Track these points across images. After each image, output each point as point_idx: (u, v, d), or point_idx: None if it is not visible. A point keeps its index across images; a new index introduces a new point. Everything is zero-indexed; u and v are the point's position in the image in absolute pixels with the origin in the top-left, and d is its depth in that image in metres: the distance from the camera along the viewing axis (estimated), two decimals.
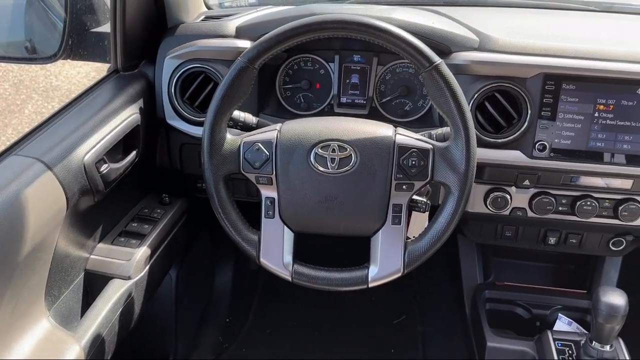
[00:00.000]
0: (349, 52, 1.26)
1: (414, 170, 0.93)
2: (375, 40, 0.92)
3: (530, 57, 1.10)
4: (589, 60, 1.09)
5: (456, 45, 1.14)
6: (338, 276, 0.98)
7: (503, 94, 1.10)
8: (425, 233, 0.96)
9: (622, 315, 1.08)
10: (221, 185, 0.97)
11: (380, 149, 0.93)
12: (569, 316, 1.38)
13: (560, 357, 1.19)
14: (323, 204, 0.95)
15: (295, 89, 1.29)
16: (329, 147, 0.94)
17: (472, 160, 0.92)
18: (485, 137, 1.10)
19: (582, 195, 1.20)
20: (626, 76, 1.07)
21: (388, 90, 1.27)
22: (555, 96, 1.08)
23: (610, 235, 1.30)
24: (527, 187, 1.21)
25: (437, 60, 0.90)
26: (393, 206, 0.95)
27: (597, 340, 1.12)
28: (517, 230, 1.35)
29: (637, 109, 1.08)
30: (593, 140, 1.10)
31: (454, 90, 0.90)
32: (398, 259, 0.96)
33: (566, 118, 1.09)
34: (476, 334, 1.39)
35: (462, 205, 0.93)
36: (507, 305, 1.44)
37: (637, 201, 1.19)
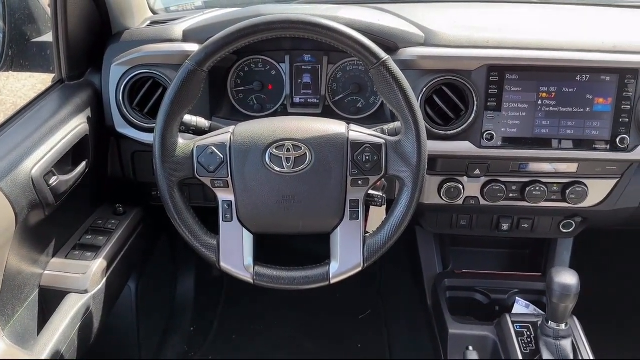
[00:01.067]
0: (299, 52, 1.26)
1: (368, 165, 0.95)
2: (323, 39, 0.93)
3: (474, 50, 1.14)
4: (530, 50, 1.13)
5: (402, 41, 1.16)
6: (300, 275, 0.98)
7: (450, 87, 1.13)
8: (383, 226, 0.98)
9: (574, 294, 1.12)
10: (176, 191, 0.96)
11: (334, 146, 0.94)
12: (526, 299, 1.42)
13: (519, 338, 1.22)
14: (281, 204, 0.95)
15: (247, 90, 1.29)
16: (283, 147, 0.94)
17: (423, 152, 0.94)
18: (435, 130, 1.13)
19: (531, 181, 1.24)
20: (566, 64, 1.11)
21: (340, 88, 1.28)
22: (499, 87, 1.12)
23: (560, 218, 1.35)
24: (478, 176, 1.24)
25: (384, 56, 0.92)
26: (350, 202, 0.96)
27: (553, 319, 1.17)
28: (471, 218, 1.38)
29: (577, 95, 1.12)
30: (538, 127, 1.14)
31: (402, 85, 0.92)
32: (358, 254, 0.97)
33: (511, 107, 1.13)
34: (438, 322, 1.42)
35: (417, 197, 0.95)
36: (467, 292, 1.47)
37: (583, 184, 1.24)
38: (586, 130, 1.13)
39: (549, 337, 1.17)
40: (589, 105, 1.12)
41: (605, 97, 1.12)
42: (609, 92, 1.11)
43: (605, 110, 1.12)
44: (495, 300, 1.44)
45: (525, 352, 1.19)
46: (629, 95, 1.11)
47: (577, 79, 1.12)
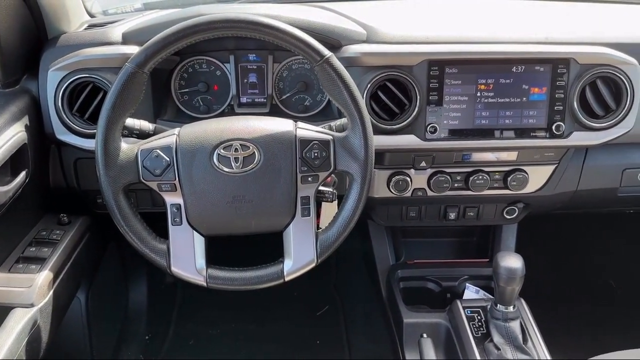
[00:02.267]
0: (244, 51, 1.26)
1: (317, 161, 0.96)
2: (265, 38, 0.93)
3: (414, 45, 1.16)
4: (467, 44, 1.17)
5: (345, 38, 1.18)
6: (254, 274, 0.98)
7: (394, 82, 1.15)
8: (334, 221, 0.99)
9: (519, 276, 1.17)
10: (121, 197, 0.94)
11: (283, 144, 0.95)
12: (475, 284, 1.47)
13: (470, 323, 1.27)
14: (231, 205, 0.95)
15: (192, 92, 1.27)
16: (231, 147, 0.93)
17: (370, 147, 0.96)
18: (381, 125, 1.15)
19: (474, 170, 1.29)
20: (501, 57, 1.15)
21: (287, 87, 1.29)
22: (440, 80, 1.15)
23: (503, 205, 1.40)
24: (424, 168, 1.28)
25: (327, 53, 0.93)
26: (301, 199, 0.97)
27: (501, 302, 1.21)
28: (420, 210, 1.42)
29: (514, 85, 1.17)
30: (478, 118, 1.18)
31: (346, 81, 0.93)
32: (311, 250, 0.98)
33: (452, 100, 1.16)
34: (393, 313, 1.45)
35: (366, 190, 0.97)
36: (419, 281, 1.51)
37: (523, 171, 1.29)
38: (524, 119, 1.18)
39: (498, 320, 1.21)
40: (525, 95, 1.17)
41: (540, 87, 1.17)
42: (544, 82, 1.16)
43: (540, 99, 1.17)
44: (446, 287, 1.49)
45: (476, 336, 1.24)
46: (562, 84, 1.16)
47: (513, 70, 1.16)
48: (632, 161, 1.34)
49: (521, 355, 1.17)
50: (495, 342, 1.18)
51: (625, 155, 1.34)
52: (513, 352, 1.17)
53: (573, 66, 1.15)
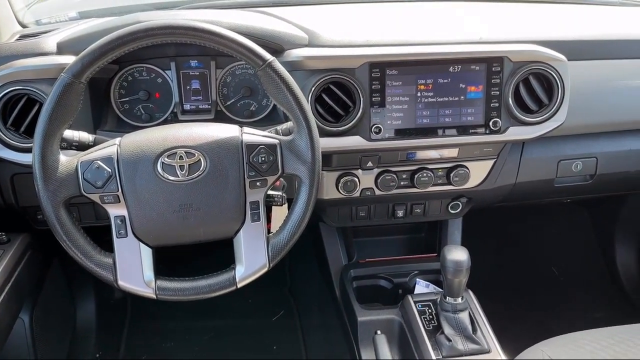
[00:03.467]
0: (185, 58, 1.24)
1: (265, 166, 0.96)
2: (206, 44, 0.93)
3: (355, 48, 1.18)
4: (406, 46, 1.20)
5: (287, 43, 1.18)
6: (205, 283, 0.97)
7: (337, 85, 1.16)
8: (285, 225, 0.99)
9: (466, 268, 1.21)
10: (62, 211, 0.91)
11: (229, 149, 0.94)
12: (425, 279, 1.51)
13: (422, 317, 1.30)
14: (178, 214, 0.93)
15: (133, 101, 1.24)
16: (175, 155, 0.92)
17: (316, 149, 0.97)
18: (327, 127, 1.16)
19: (419, 168, 1.32)
20: (439, 57, 1.19)
21: (231, 92, 1.28)
22: (381, 82, 1.17)
23: (448, 200, 1.45)
24: (371, 168, 1.30)
25: (269, 58, 0.94)
26: (250, 204, 0.97)
27: (450, 295, 1.25)
28: (369, 209, 1.44)
29: (452, 85, 1.20)
30: (420, 118, 1.21)
31: (290, 85, 0.94)
32: (262, 255, 0.98)
33: (394, 101, 1.19)
34: (347, 312, 1.46)
35: (314, 192, 0.98)
36: (372, 280, 1.53)
37: (465, 167, 1.34)
38: (462, 116, 1.22)
39: (448, 312, 1.25)
40: (463, 93, 1.21)
41: (477, 85, 1.21)
42: (480, 80, 1.21)
43: (477, 97, 1.21)
44: (398, 284, 1.52)
45: (428, 329, 1.27)
46: (497, 82, 1.20)
47: (451, 70, 1.20)
48: (566, 153, 1.42)
49: (471, 344, 1.21)
50: (446, 334, 1.22)
51: (559, 147, 1.41)
52: (463, 342, 1.21)
53: (506, 64, 1.20)
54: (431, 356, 1.20)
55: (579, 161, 1.42)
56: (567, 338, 1.22)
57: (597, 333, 1.23)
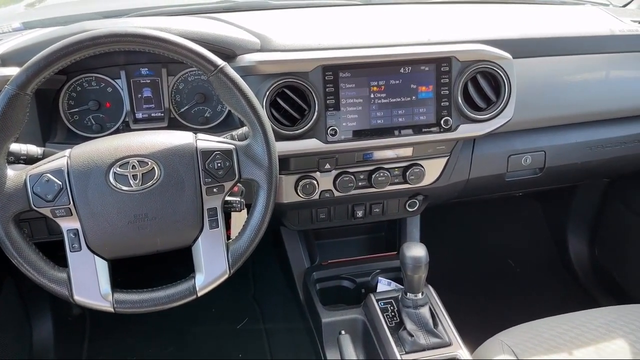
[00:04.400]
0: (135, 66, 1.23)
1: (221, 172, 0.95)
2: (155, 51, 0.92)
3: (308, 52, 1.19)
4: (357, 49, 1.22)
5: (239, 48, 1.18)
6: (164, 294, 0.96)
7: (291, 89, 1.17)
8: (244, 230, 0.99)
9: (424, 264, 1.23)
10: (12, 227, 0.88)
11: (183, 157, 0.94)
12: (386, 277, 1.53)
13: (384, 314, 1.32)
14: (133, 224, 0.92)
15: (83, 111, 1.22)
16: (128, 164, 0.91)
17: (273, 153, 0.97)
18: (283, 131, 1.17)
19: (376, 168, 1.34)
20: (389, 59, 1.21)
21: (184, 99, 1.27)
22: (335, 85, 1.18)
23: (405, 199, 1.48)
24: (329, 170, 1.31)
25: (221, 63, 0.93)
26: (208, 211, 0.96)
27: (410, 291, 1.27)
28: (329, 211, 1.45)
29: (403, 85, 1.23)
30: (374, 119, 1.23)
31: (243, 90, 0.94)
32: (222, 261, 0.97)
33: (348, 103, 1.20)
34: (312, 314, 1.47)
35: (273, 196, 0.98)
36: (334, 281, 1.55)
37: (420, 165, 1.36)
38: (415, 116, 1.24)
39: (409, 308, 1.27)
40: (414, 94, 1.23)
41: (427, 85, 1.23)
42: (430, 80, 1.23)
43: (428, 97, 1.24)
44: (360, 283, 1.53)
45: (391, 326, 1.29)
46: (446, 81, 1.24)
47: (402, 71, 1.22)
48: (515, 147, 1.47)
49: (433, 339, 1.24)
50: (409, 330, 1.24)
51: (508, 142, 1.46)
52: (425, 336, 1.24)
53: (454, 64, 1.23)
54: (395, 353, 1.22)
55: (528, 155, 1.47)
56: (525, 327, 1.26)
57: (553, 320, 1.27)
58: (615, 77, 1.45)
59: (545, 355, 1.17)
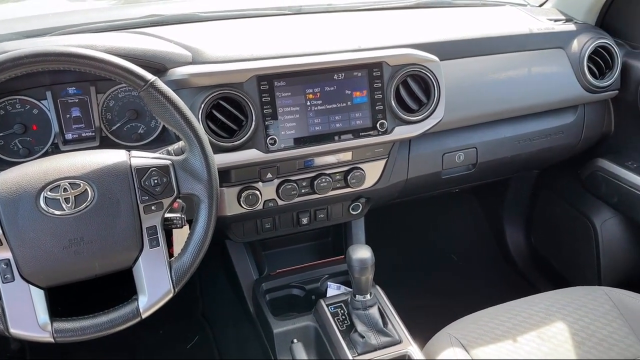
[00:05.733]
0: (62, 85, 1.18)
1: (159, 188, 0.93)
2: (82, 69, 0.89)
3: (241, 63, 1.19)
4: (291, 58, 1.23)
5: (170, 62, 1.16)
6: (107, 319, 0.92)
7: (227, 100, 1.16)
8: (187, 247, 0.97)
9: (370, 265, 1.25)
10: None
11: (117, 176, 0.91)
12: (336, 281, 1.54)
13: (335, 318, 1.32)
14: (69, 249, 0.88)
15: (8, 136, 1.16)
16: (59, 188, 0.87)
17: (211, 166, 0.96)
18: (221, 143, 1.16)
19: (317, 174, 1.35)
20: (322, 66, 1.22)
21: (115, 117, 1.23)
22: (271, 94, 1.18)
23: (348, 203, 1.50)
24: (271, 180, 1.31)
25: (151, 77, 0.92)
26: (147, 229, 0.94)
27: (359, 292, 1.29)
28: (274, 220, 1.45)
29: (338, 92, 1.25)
30: (312, 126, 1.24)
31: (175, 103, 0.93)
32: (166, 280, 0.95)
33: (285, 111, 1.21)
34: (263, 326, 1.46)
35: (214, 210, 0.97)
36: (284, 290, 1.54)
37: (360, 168, 1.39)
38: (352, 121, 1.26)
39: (359, 310, 1.29)
40: (349, 99, 1.26)
41: (361, 90, 1.26)
42: (363, 86, 1.26)
43: (363, 102, 1.27)
44: (310, 290, 1.54)
45: (342, 329, 1.30)
46: (378, 86, 1.27)
47: (335, 78, 1.24)
48: (448, 146, 1.52)
49: (384, 338, 1.26)
50: (360, 331, 1.25)
51: (442, 141, 1.51)
52: (376, 336, 1.26)
53: (385, 68, 1.26)
54: (347, 355, 1.23)
55: (461, 152, 1.53)
56: (470, 318, 1.31)
57: (497, 310, 1.33)
58: (536, 73, 1.54)
59: (492, 344, 1.22)
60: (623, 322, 1.26)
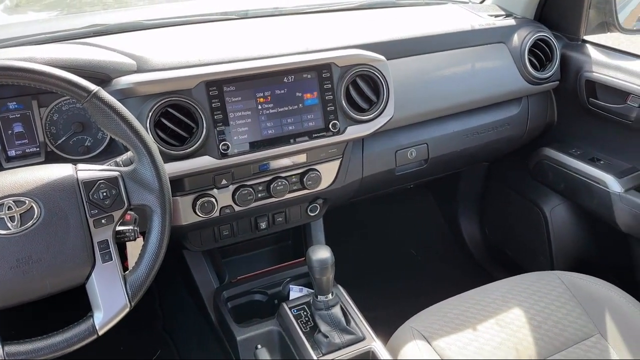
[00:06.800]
0: (2, 101, 1.14)
1: (108, 201, 0.91)
2: (21, 83, 0.86)
3: (188, 69, 1.17)
4: (239, 62, 1.22)
5: (114, 71, 1.14)
6: (62, 338, 0.89)
7: (176, 107, 1.14)
8: (141, 259, 0.95)
9: (330, 265, 1.26)
10: None
11: (64, 190, 0.88)
12: (298, 284, 1.54)
13: (298, 321, 1.32)
14: (17, 269, 0.85)
15: None
16: (3, 206, 0.84)
17: (162, 175, 0.94)
18: (172, 151, 1.13)
19: (273, 178, 1.35)
20: (271, 70, 1.22)
21: (60, 130, 1.20)
22: (221, 99, 1.17)
23: (306, 204, 1.50)
24: (226, 186, 1.30)
25: (94, 88, 0.89)
26: (98, 244, 0.91)
27: (320, 293, 1.29)
28: (232, 226, 1.44)
29: (289, 94, 1.25)
30: (264, 129, 1.23)
31: (121, 112, 0.91)
32: (121, 295, 0.93)
33: (237, 116, 1.20)
34: (226, 334, 1.44)
35: (168, 220, 0.95)
36: (246, 296, 1.53)
37: (315, 170, 1.39)
38: (304, 123, 1.27)
39: (321, 310, 1.29)
40: (300, 101, 1.26)
41: (312, 92, 1.26)
42: (313, 87, 1.26)
43: (314, 103, 1.27)
44: (273, 294, 1.53)
45: (306, 331, 1.30)
46: (329, 87, 1.27)
47: (285, 81, 1.24)
48: (401, 143, 1.55)
49: (347, 336, 1.26)
50: (323, 332, 1.26)
51: (394, 139, 1.54)
52: (340, 335, 1.26)
53: (334, 69, 1.27)
54: (312, 357, 1.23)
55: (413, 149, 1.56)
56: (431, 310, 1.33)
57: (455, 300, 1.36)
58: (480, 68, 1.58)
59: (453, 333, 1.25)
60: (576, 303, 1.31)
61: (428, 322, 1.28)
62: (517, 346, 1.22)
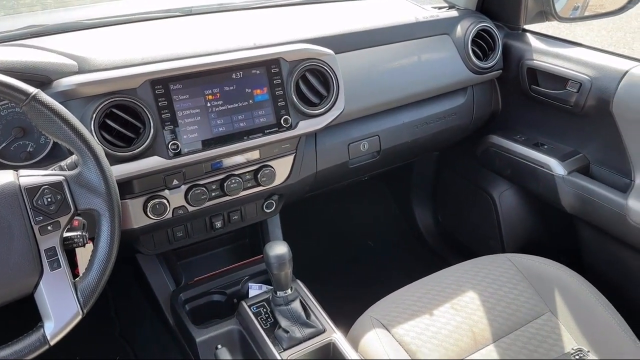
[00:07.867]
0: None
1: (53, 207, 0.88)
2: None
3: (132, 68, 1.14)
4: (184, 59, 1.20)
5: (54, 73, 1.10)
6: (11, 351, 0.86)
7: (121, 108, 1.11)
8: (91, 265, 0.92)
9: (288, 260, 1.25)
10: None
11: (5, 198, 0.85)
12: (257, 282, 1.53)
13: (258, 318, 1.31)
14: None
15: None
16: None
17: (109, 177, 0.92)
18: (118, 153, 1.11)
19: (227, 176, 1.33)
20: (218, 66, 1.20)
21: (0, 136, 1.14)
22: (168, 98, 1.15)
23: (261, 201, 1.49)
24: (178, 186, 1.27)
25: (32, 90, 0.86)
26: (45, 252, 0.88)
27: (279, 289, 1.29)
28: (186, 227, 1.41)
29: (238, 91, 1.23)
30: (215, 127, 1.21)
31: (62, 115, 0.88)
32: (72, 303, 0.90)
33: (185, 114, 1.18)
34: (185, 337, 1.42)
35: (117, 224, 0.93)
36: (204, 298, 1.50)
37: (269, 166, 1.38)
38: (255, 119, 1.26)
39: (281, 306, 1.29)
40: (250, 97, 1.25)
41: (262, 88, 1.26)
42: (263, 83, 1.26)
43: (264, 99, 1.26)
44: (231, 294, 1.52)
45: (266, 327, 1.29)
46: (278, 82, 1.27)
47: (234, 77, 1.23)
48: (353, 136, 1.56)
49: (308, 329, 1.27)
50: (284, 327, 1.26)
51: (346, 132, 1.55)
52: (300, 329, 1.26)
53: (283, 65, 1.27)
54: (273, 353, 1.22)
55: (365, 141, 1.58)
56: (389, 299, 1.35)
57: (412, 287, 1.39)
58: (426, 60, 1.62)
59: (410, 320, 1.28)
60: (527, 284, 1.36)
61: (386, 311, 1.30)
62: (473, 328, 1.26)
